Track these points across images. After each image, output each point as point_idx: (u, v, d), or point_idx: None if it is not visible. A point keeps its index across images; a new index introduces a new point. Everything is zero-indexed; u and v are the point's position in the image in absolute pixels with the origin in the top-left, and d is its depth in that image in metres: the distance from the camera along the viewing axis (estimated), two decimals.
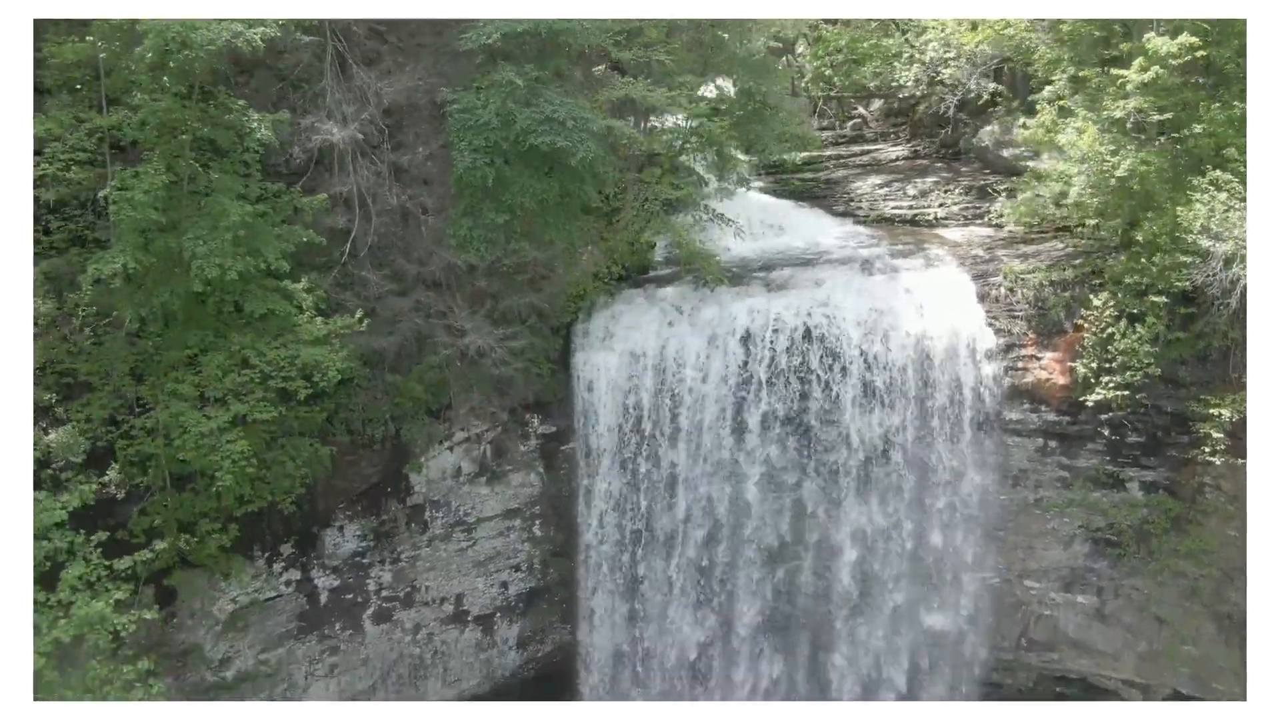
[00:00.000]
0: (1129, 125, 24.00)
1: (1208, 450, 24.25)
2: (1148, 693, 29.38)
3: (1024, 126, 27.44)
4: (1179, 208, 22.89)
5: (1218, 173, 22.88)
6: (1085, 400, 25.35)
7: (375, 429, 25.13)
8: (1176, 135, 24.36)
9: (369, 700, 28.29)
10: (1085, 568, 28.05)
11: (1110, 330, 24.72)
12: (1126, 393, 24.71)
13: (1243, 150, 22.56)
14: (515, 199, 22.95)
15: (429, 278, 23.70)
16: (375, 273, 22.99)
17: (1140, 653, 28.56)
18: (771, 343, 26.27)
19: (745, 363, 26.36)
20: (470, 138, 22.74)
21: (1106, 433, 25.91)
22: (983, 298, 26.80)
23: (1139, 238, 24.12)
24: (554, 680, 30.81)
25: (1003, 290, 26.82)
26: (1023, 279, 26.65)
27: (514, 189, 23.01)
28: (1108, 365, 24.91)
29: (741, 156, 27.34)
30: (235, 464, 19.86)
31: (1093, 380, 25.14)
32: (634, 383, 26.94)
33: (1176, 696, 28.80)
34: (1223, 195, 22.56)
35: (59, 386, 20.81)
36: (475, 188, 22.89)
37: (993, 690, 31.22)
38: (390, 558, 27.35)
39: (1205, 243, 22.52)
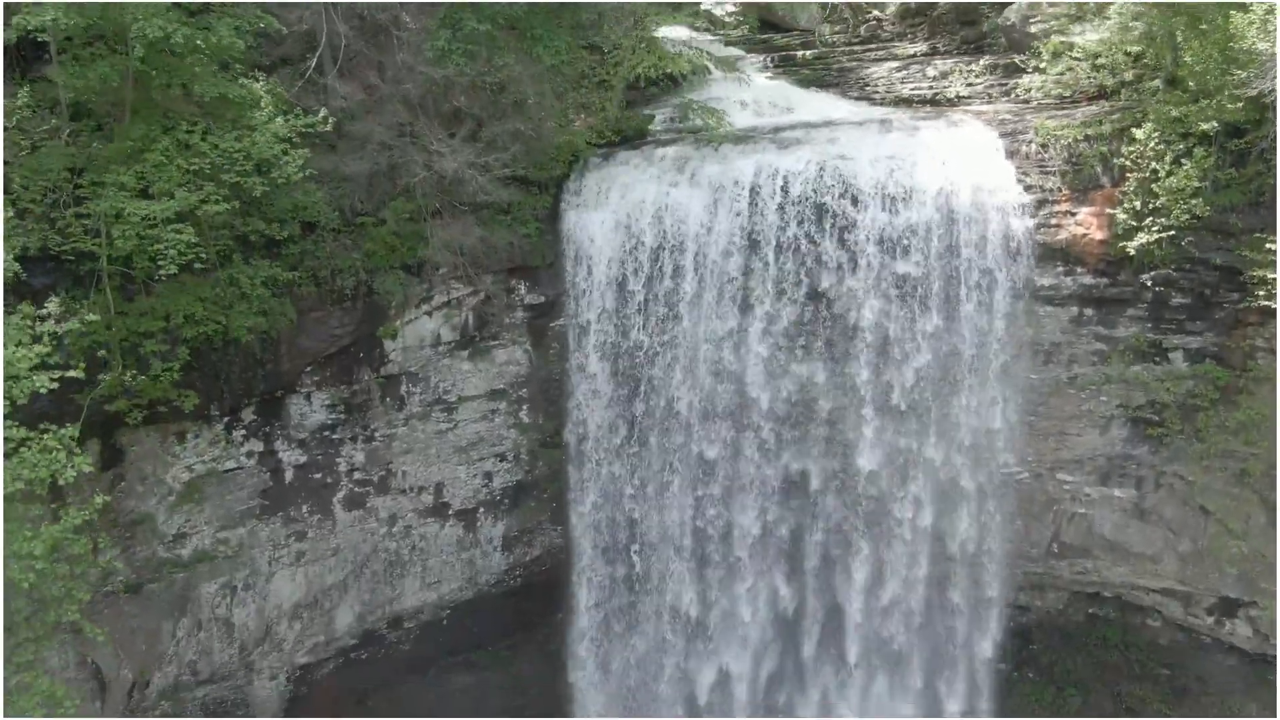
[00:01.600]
0: None
1: (1262, 295, 21.90)
2: (1189, 602, 26.96)
3: None
4: (1233, 11, 20.71)
5: None
6: (1126, 249, 23.05)
7: (345, 280, 23.03)
8: None
9: (341, 595, 25.98)
10: (1124, 455, 25.73)
11: (1154, 166, 22.47)
12: (1172, 234, 22.45)
13: None
14: (498, 7, 20.86)
15: (403, 96, 21.55)
16: (345, 85, 20.88)
17: (1182, 553, 26.13)
18: (781, 200, 24.08)
19: (752, 222, 24.13)
20: None
21: (1149, 285, 23.52)
22: (1012, 154, 24.58)
23: (1186, 59, 21.95)
24: (542, 592, 28.37)
25: (1034, 147, 24.62)
26: (1055, 135, 24.49)
27: None
28: (1152, 207, 22.64)
29: None
30: (181, 254, 17.70)
31: (1135, 225, 22.86)
32: (630, 244, 24.68)
33: (1222, 604, 26.40)
34: None
35: None
36: None
37: (1019, 614, 28.92)
38: (363, 435, 25.11)
39: (1262, 45, 20.28)
